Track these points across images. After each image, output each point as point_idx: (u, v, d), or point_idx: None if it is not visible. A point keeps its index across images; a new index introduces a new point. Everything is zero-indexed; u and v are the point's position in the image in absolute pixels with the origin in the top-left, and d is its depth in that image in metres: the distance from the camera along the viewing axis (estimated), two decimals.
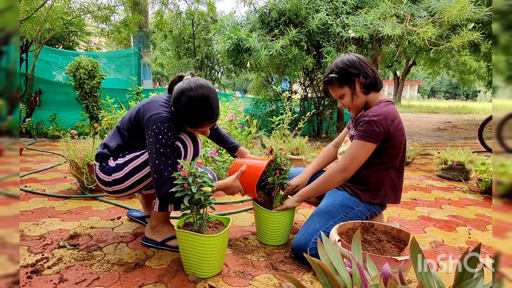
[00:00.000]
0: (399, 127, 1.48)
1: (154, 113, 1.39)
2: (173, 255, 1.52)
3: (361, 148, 1.45)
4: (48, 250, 1.53)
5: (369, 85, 1.51)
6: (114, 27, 5.92)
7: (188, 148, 1.47)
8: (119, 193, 1.54)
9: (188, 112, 1.37)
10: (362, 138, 1.44)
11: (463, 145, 3.96)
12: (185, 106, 1.36)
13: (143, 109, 1.45)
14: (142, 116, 1.43)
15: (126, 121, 1.53)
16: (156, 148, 1.36)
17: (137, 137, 1.50)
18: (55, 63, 6.22)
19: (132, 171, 1.47)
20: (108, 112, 3.46)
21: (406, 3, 4.10)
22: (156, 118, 1.38)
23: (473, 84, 18.50)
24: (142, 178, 1.49)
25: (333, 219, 1.49)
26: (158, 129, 1.36)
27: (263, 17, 4.89)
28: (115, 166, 1.49)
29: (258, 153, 2.98)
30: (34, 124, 5.25)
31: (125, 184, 1.50)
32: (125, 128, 1.52)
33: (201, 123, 1.41)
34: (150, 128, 1.38)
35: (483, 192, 2.76)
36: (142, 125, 1.45)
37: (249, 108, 6.30)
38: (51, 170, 3.10)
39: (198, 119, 1.39)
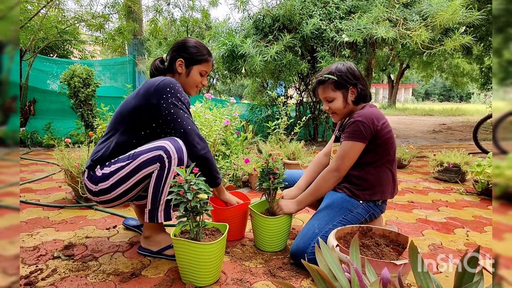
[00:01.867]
0: (385, 125, 1.53)
1: (162, 80, 1.46)
2: (170, 263, 1.50)
3: (350, 148, 1.49)
4: (43, 261, 1.50)
5: (360, 97, 1.57)
6: (108, 35, 5.92)
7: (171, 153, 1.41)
8: (106, 203, 1.49)
9: (199, 45, 1.58)
10: (351, 138, 1.49)
11: (458, 147, 3.99)
12: (194, 41, 1.60)
13: (146, 86, 1.47)
14: (147, 90, 1.45)
15: (118, 117, 1.51)
16: (177, 107, 1.43)
17: (132, 129, 1.49)
18: (50, 72, 6.20)
19: (118, 181, 1.43)
20: (103, 120, 3.45)
21: (399, 7, 4.15)
22: (167, 81, 1.45)
23: (467, 86, 18.72)
24: (129, 188, 1.45)
25: (332, 222, 1.48)
26: (173, 89, 1.44)
27: (257, 23, 4.92)
28: (101, 175, 1.44)
29: (254, 159, 2.97)
30: (28, 134, 5.20)
31: (112, 195, 1.45)
32: (119, 122, 1.50)
33: (210, 55, 1.62)
34: (164, 92, 1.43)
35: (480, 193, 2.77)
36: (146, 101, 1.44)
37: (245, 113, 6.31)
38: (45, 180, 3.07)
39: (208, 51, 1.61)
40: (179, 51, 1.57)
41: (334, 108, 1.58)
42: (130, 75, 6.77)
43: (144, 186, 1.48)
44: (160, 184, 1.39)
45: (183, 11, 7.01)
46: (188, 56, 1.56)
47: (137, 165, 1.39)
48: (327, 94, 1.57)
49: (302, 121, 3.63)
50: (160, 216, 1.43)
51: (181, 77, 1.58)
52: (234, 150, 3.12)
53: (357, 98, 1.56)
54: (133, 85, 6.57)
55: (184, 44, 1.58)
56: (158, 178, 1.39)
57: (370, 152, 1.53)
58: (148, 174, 1.41)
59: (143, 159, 1.38)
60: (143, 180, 1.43)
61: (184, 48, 1.57)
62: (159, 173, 1.39)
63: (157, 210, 1.42)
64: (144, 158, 1.38)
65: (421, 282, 0.76)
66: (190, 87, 1.62)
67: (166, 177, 1.39)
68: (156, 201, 1.41)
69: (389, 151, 1.55)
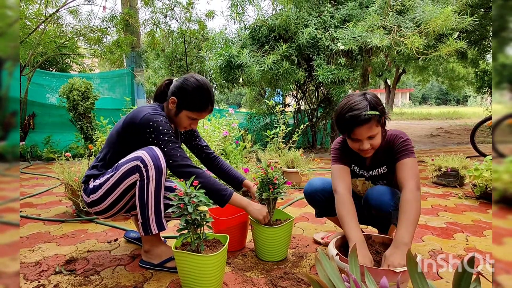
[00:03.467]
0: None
1: (145, 113, 1.47)
2: (172, 276, 1.51)
3: (414, 163, 1.41)
4: (45, 276, 1.50)
5: (384, 123, 1.48)
6: (106, 48, 5.98)
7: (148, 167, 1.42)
8: (101, 214, 1.55)
9: (196, 92, 1.50)
10: (410, 155, 1.42)
11: (456, 151, 4.01)
12: (193, 87, 1.50)
13: (131, 116, 1.50)
14: (132, 121, 1.48)
15: (113, 136, 1.57)
16: (160, 138, 1.45)
17: (123, 147, 1.53)
18: (49, 85, 6.24)
19: (106, 193, 1.48)
20: (102, 132, 3.47)
21: (392, 15, 4.22)
22: (149, 116, 1.46)
23: (463, 89, 18.83)
24: (117, 199, 1.49)
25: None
26: (152, 127, 1.44)
27: (253, 33, 4.98)
28: (92, 187, 1.51)
29: (253, 168, 2.99)
30: (28, 147, 5.22)
31: (102, 206, 1.50)
32: (112, 142, 1.56)
33: (206, 105, 1.54)
34: (145, 128, 1.45)
35: (479, 197, 2.78)
36: (132, 131, 1.49)
37: (243, 122, 6.34)
38: (46, 194, 3.07)
39: (205, 100, 1.53)
40: (178, 90, 1.53)
41: (375, 144, 1.43)
42: (129, 87, 6.82)
43: (131, 196, 1.51)
44: (144, 195, 1.42)
45: (180, 23, 7.10)
46: (181, 98, 1.53)
47: (119, 177, 1.44)
48: (372, 131, 1.39)
49: (300, 128, 3.65)
50: (153, 227, 1.45)
51: (170, 113, 1.58)
52: (233, 159, 3.14)
53: (383, 125, 1.47)
54: (132, 97, 6.61)
55: (183, 84, 1.52)
56: (141, 190, 1.42)
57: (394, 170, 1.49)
58: (131, 184, 1.44)
59: (123, 170, 1.43)
60: (128, 190, 1.47)
61: (181, 89, 1.52)
62: (141, 183, 1.42)
63: (148, 222, 1.44)
64: (124, 169, 1.43)
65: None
66: (176, 125, 1.62)
67: (148, 188, 1.41)
68: (145, 213, 1.43)
69: None
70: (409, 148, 1.44)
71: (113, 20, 6.20)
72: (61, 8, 5.36)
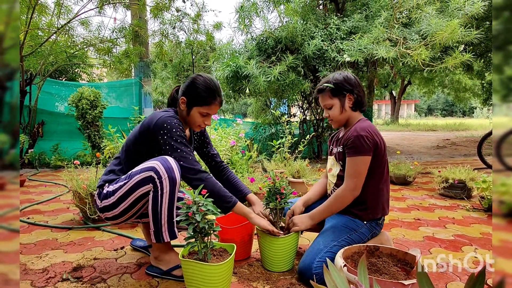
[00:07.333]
0: (381, 137, 1.58)
1: (160, 116, 1.53)
2: (178, 285, 1.51)
3: (361, 163, 1.51)
4: (52, 283, 1.51)
5: (357, 104, 1.64)
6: (115, 58, 6.09)
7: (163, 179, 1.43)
8: (111, 220, 1.57)
9: (203, 86, 1.55)
10: (359, 153, 1.50)
11: (463, 162, 3.98)
12: (199, 83, 1.56)
13: (147, 121, 1.56)
14: (148, 125, 1.54)
15: (130, 142, 1.62)
16: (174, 140, 1.49)
17: (138, 155, 1.58)
18: (58, 94, 6.35)
19: (118, 200, 1.49)
20: (110, 141, 3.51)
21: (398, 27, 4.25)
22: (164, 118, 1.51)
23: (469, 101, 18.75)
24: (129, 207, 1.50)
25: (337, 240, 1.50)
26: (166, 128, 1.50)
27: (260, 44, 5.04)
28: (105, 193, 1.54)
29: (259, 177, 2.99)
30: (36, 155, 5.28)
31: (114, 212, 1.52)
32: (128, 148, 1.62)
33: (214, 97, 1.58)
34: (160, 130, 1.50)
35: (487, 209, 2.75)
36: (148, 136, 1.54)
37: (249, 132, 6.37)
38: (53, 201, 3.10)
39: (212, 92, 1.57)
40: (186, 89, 1.60)
41: (332, 114, 1.65)
42: (136, 96, 6.91)
43: (143, 204, 1.52)
44: (157, 205, 1.43)
45: (188, 34, 7.22)
46: (190, 96, 1.58)
47: (132, 185, 1.46)
48: (326, 101, 1.65)
49: (306, 139, 3.66)
50: (166, 236, 1.46)
51: (183, 114, 1.63)
52: (239, 169, 3.16)
53: (354, 105, 1.63)
54: (139, 106, 6.69)
55: (190, 83, 1.59)
56: (155, 200, 1.43)
57: (369, 168, 1.54)
58: (144, 193, 1.45)
59: (137, 180, 1.44)
60: (141, 199, 1.48)
61: (189, 87, 1.59)
62: (154, 194, 1.43)
63: (161, 231, 1.45)
64: (137, 179, 1.44)
65: None
66: (191, 125, 1.65)
67: (162, 198, 1.42)
68: (158, 222, 1.44)
69: (385, 165, 1.60)
70: (357, 146, 1.50)
71: (123, 31, 6.33)
72: (73, 19, 5.49)
